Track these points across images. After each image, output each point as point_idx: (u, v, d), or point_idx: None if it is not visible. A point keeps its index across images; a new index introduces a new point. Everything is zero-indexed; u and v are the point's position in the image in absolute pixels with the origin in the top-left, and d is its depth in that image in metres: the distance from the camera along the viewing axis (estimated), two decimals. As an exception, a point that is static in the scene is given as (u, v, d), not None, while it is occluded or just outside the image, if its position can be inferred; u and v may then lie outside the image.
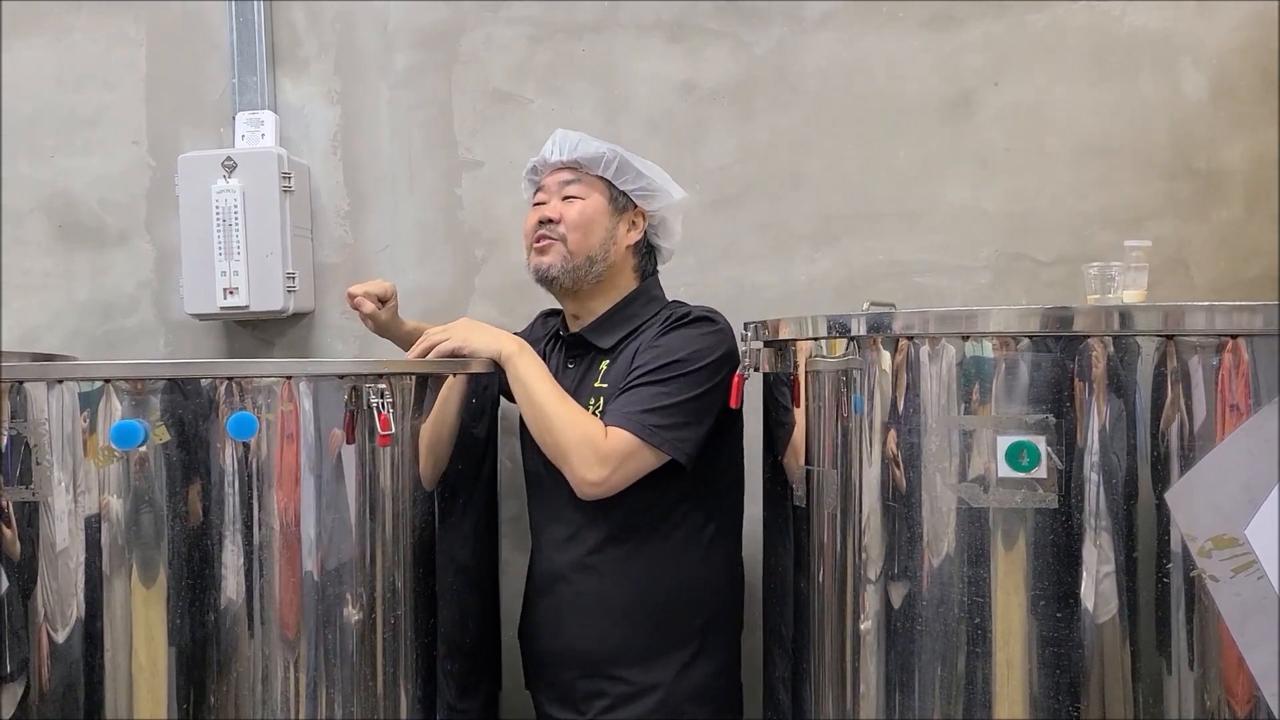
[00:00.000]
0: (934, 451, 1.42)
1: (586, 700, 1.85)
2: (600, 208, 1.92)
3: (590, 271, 1.91)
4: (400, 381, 1.77)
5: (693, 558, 1.86)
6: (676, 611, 1.84)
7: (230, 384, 1.66)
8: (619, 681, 1.83)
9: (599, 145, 1.93)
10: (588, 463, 1.74)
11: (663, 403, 1.76)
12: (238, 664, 1.67)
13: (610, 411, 1.78)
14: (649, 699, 1.82)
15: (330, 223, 2.52)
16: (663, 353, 1.80)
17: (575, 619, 1.86)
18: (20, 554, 1.67)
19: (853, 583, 1.52)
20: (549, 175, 1.96)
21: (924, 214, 2.33)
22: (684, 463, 1.77)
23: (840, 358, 1.54)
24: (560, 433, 1.77)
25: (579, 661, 1.86)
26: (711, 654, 1.87)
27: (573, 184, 1.93)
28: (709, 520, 1.88)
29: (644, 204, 1.96)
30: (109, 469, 1.65)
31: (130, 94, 2.57)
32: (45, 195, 2.61)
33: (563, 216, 1.91)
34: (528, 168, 2.02)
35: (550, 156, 1.95)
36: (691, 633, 1.85)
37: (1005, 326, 1.38)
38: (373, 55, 2.50)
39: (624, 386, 1.80)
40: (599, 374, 1.89)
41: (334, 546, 1.71)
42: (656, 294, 2.00)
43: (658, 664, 1.83)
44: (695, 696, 1.84)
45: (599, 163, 1.92)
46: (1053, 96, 2.29)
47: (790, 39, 2.37)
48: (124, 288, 2.59)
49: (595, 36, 2.43)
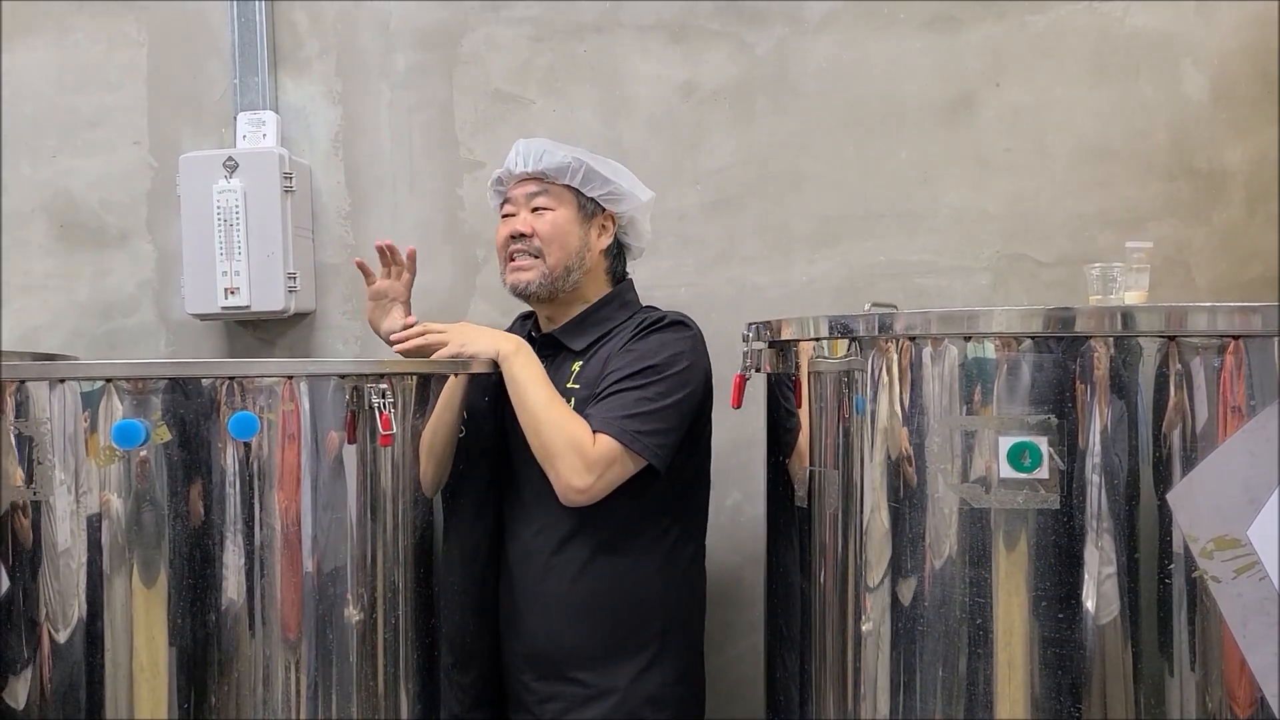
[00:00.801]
0: (936, 452, 1.42)
1: (542, 704, 1.84)
2: (570, 217, 1.92)
3: (567, 281, 1.92)
4: (402, 382, 1.77)
5: (655, 561, 1.86)
6: (636, 614, 1.84)
7: (231, 384, 1.66)
8: (575, 684, 1.82)
9: (564, 154, 1.91)
10: (575, 469, 1.74)
11: (644, 408, 1.76)
12: (239, 664, 1.67)
13: (592, 416, 1.78)
14: (605, 702, 1.81)
15: (331, 223, 2.52)
16: (638, 357, 1.80)
17: (534, 618, 1.85)
18: (21, 553, 1.66)
19: (855, 583, 1.52)
20: (515, 186, 1.95)
21: (924, 215, 2.33)
22: (660, 469, 1.78)
23: (842, 358, 1.54)
24: (549, 436, 1.76)
25: (536, 662, 1.85)
26: (670, 659, 1.86)
27: (540, 195, 1.92)
28: (673, 524, 1.88)
29: (612, 207, 1.96)
30: (110, 469, 1.65)
31: (132, 94, 2.57)
32: (46, 196, 2.60)
33: (535, 230, 1.90)
34: (493, 179, 2.01)
35: (515, 168, 1.94)
36: (651, 637, 1.85)
37: (1007, 327, 1.39)
38: (374, 56, 2.50)
39: (602, 391, 1.80)
40: (571, 375, 1.90)
41: (335, 546, 1.71)
42: (630, 298, 2.00)
43: (615, 667, 1.82)
44: (652, 701, 1.83)
45: (565, 172, 1.91)
46: (1053, 98, 2.30)
47: (791, 40, 2.37)
48: (125, 288, 2.58)
49: (596, 37, 2.43)
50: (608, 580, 1.83)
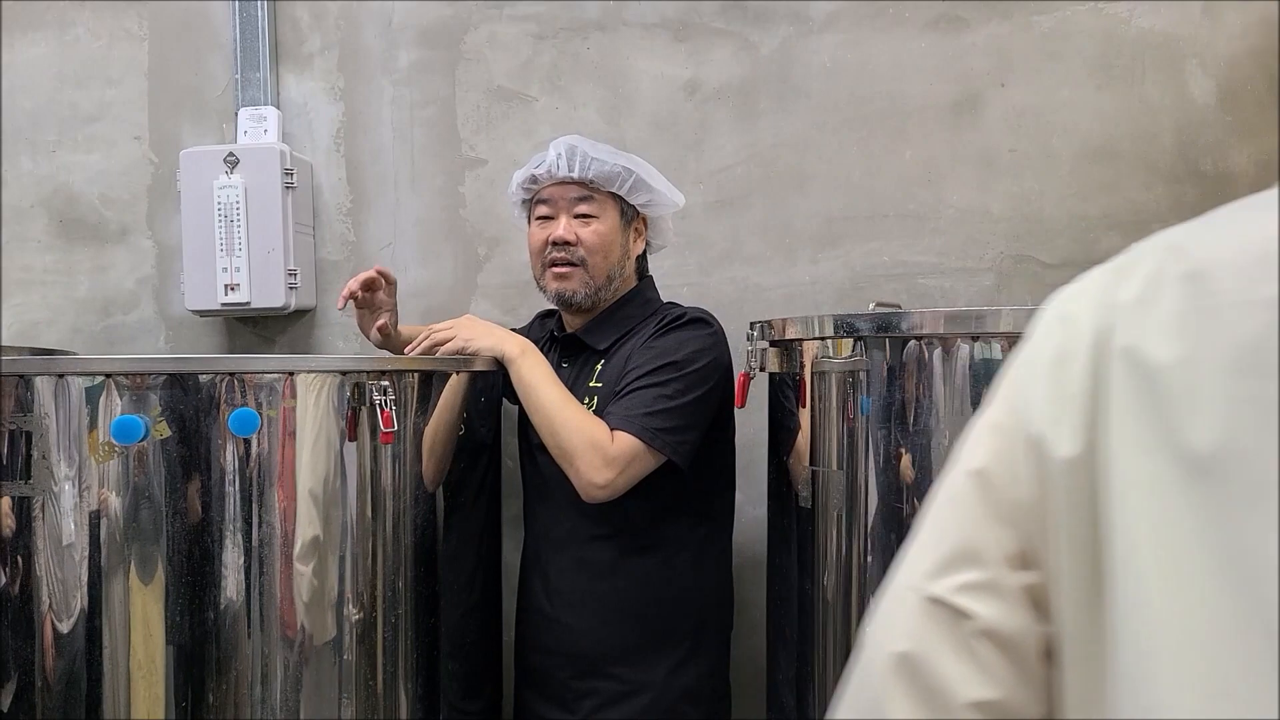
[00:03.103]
0: (941, 452, 1.41)
1: (578, 700, 1.84)
2: (614, 226, 1.90)
3: (609, 289, 1.91)
4: (403, 379, 1.76)
5: (686, 558, 1.85)
6: (671, 610, 1.84)
7: (232, 380, 1.65)
8: (612, 680, 1.82)
9: (614, 163, 1.88)
10: (594, 466, 1.72)
11: (663, 405, 1.75)
12: (237, 662, 1.66)
13: (612, 414, 1.77)
14: (641, 698, 1.81)
15: (332, 220, 2.51)
16: (659, 354, 1.79)
17: (570, 616, 1.85)
18: (19, 549, 1.65)
19: (858, 584, 1.51)
20: (553, 188, 1.90)
21: (928, 216, 2.32)
22: (683, 466, 1.77)
23: (847, 358, 1.53)
24: (566, 436, 1.75)
25: (573, 659, 1.85)
26: (704, 654, 1.86)
27: (584, 201, 1.88)
28: (702, 520, 1.88)
29: (648, 212, 1.96)
30: (109, 464, 1.64)
31: (132, 90, 2.56)
32: (46, 191, 2.59)
33: (580, 239, 1.87)
34: (524, 176, 1.95)
35: (557, 171, 1.88)
36: (685, 632, 1.85)
37: (1015, 327, 1.38)
38: (376, 52, 2.49)
39: (622, 388, 1.79)
40: (594, 374, 1.89)
41: (335, 544, 1.70)
42: (651, 295, 1.99)
43: (651, 663, 1.82)
44: (687, 696, 1.83)
45: (614, 180, 1.88)
46: (1059, 99, 2.29)
47: (795, 39, 2.36)
48: (124, 284, 2.57)
49: (600, 35, 2.42)
50: (642, 577, 1.82)
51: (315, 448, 1.68)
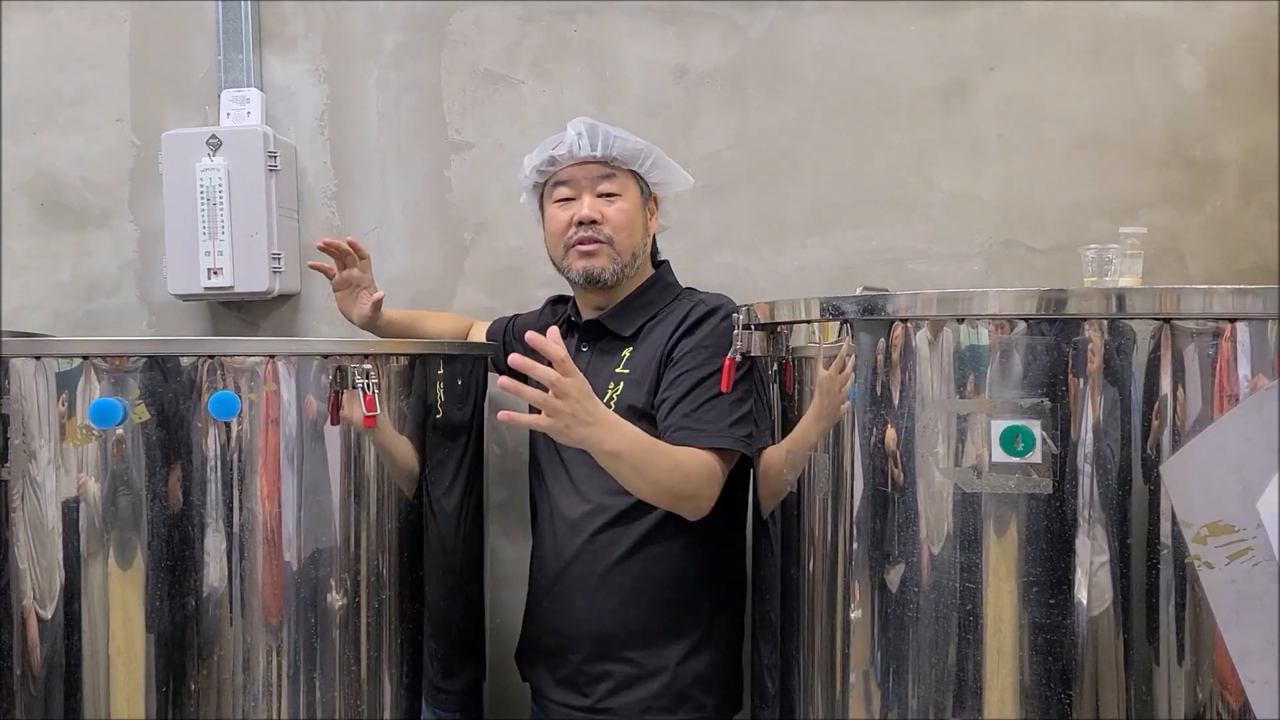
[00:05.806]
0: (927, 436, 1.40)
1: (591, 683, 1.83)
2: (636, 204, 1.91)
3: (633, 267, 1.91)
4: (386, 363, 1.75)
5: (705, 542, 1.84)
6: (687, 595, 1.82)
7: (212, 362, 1.63)
8: (626, 663, 1.81)
9: (636, 141, 1.90)
10: (711, 497, 1.75)
11: (740, 412, 1.76)
12: (219, 648, 1.64)
13: (697, 431, 1.74)
14: (655, 682, 1.80)
15: (317, 204, 2.48)
16: (712, 356, 1.79)
17: (585, 598, 1.83)
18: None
19: (843, 569, 1.50)
20: (574, 168, 1.89)
21: (918, 201, 2.31)
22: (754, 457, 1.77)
23: (834, 342, 1.52)
24: (680, 484, 1.71)
25: (587, 642, 1.83)
26: (719, 640, 1.85)
27: (607, 180, 1.89)
28: (720, 506, 1.86)
29: (660, 192, 1.97)
30: (87, 448, 1.62)
31: (114, 72, 2.53)
32: (28, 175, 2.56)
33: (605, 217, 1.87)
34: (540, 159, 1.92)
35: (578, 151, 1.87)
36: (701, 617, 1.84)
37: (1001, 309, 1.36)
38: (361, 34, 2.46)
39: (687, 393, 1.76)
40: (621, 360, 1.88)
41: (317, 529, 1.69)
42: (671, 280, 2.00)
43: (666, 647, 1.81)
44: (700, 681, 1.82)
45: (637, 158, 1.90)
46: (1048, 85, 2.28)
47: (784, 23, 2.35)
48: (107, 268, 2.55)
49: (587, 18, 2.40)
50: (660, 560, 1.81)
51: (297, 432, 1.67)
